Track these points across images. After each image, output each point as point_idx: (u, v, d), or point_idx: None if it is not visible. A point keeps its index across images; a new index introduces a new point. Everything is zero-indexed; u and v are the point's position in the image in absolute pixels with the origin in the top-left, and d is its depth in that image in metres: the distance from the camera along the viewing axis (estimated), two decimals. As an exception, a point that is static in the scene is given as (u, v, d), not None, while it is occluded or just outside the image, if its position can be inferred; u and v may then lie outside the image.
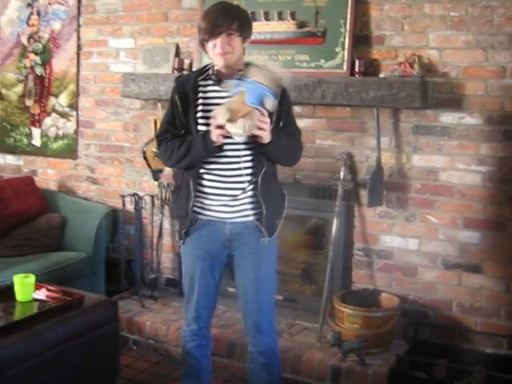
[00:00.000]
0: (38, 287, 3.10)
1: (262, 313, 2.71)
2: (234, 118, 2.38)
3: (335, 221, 3.53)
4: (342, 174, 3.57)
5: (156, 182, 4.13)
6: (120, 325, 3.37)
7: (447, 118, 3.39)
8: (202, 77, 2.66)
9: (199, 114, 2.62)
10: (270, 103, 2.43)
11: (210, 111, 2.56)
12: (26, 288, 3.02)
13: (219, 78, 2.60)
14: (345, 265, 3.71)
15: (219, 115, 2.41)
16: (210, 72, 2.63)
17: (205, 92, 2.64)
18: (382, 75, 3.43)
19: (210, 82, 2.63)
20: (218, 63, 2.57)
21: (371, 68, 3.52)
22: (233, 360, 3.45)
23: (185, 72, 3.96)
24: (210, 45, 2.55)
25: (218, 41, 2.51)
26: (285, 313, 3.80)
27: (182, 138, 2.63)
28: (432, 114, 3.42)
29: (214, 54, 2.55)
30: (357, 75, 3.46)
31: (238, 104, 2.40)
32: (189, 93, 2.63)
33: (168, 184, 4.14)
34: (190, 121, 2.62)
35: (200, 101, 2.63)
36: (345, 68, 3.52)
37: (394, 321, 3.36)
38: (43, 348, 2.75)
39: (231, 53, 2.52)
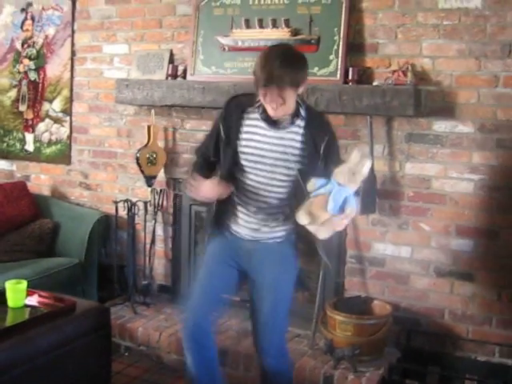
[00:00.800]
0: (29, 293, 3.08)
1: (272, 334, 2.69)
2: (313, 221, 2.35)
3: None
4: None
5: (149, 188, 4.13)
6: (112, 331, 3.35)
7: (440, 126, 3.40)
8: (251, 109, 2.60)
9: (240, 149, 2.60)
10: (352, 207, 2.32)
11: (249, 147, 2.58)
12: (18, 294, 3.01)
13: (267, 118, 2.55)
14: (337, 272, 3.71)
15: (300, 216, 2.37)
16: (261, 110, 2.56)
17: (249, 126, 2.60)
18: (375, 83, 3.44)
19: (257, 116, 2.58)
20: (268, 112, 2.51)
21: (365, 76, 3.53)
22: (225, 367, 3.44)
23: (179, 79, 3.97)
24: (261, 91, 2.45)
25: (269, 92, 2.42)
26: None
27: (200, 165, 2.73)
28: (425, 122, 3.43)
29: (265, 102, 2.49)
30: (350, 83, 3.47)
31: (318, 209, 2.33)
32: (232, 127, 2.61)
33: (161, 190, 4.14)
34: (226, 155, 2.63)
35: (244, 136, 2.60)
36: (338, 76, 3.53)
37: (387, 328, 3.36)
38: (35, 354, 2.74)
39: (282, 104, 2.45)
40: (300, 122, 2.57)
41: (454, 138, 3.38)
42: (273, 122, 2.55)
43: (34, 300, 3.08)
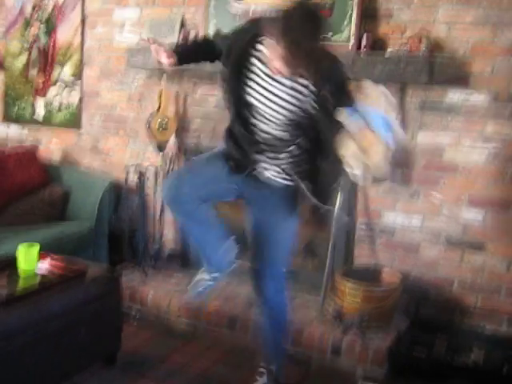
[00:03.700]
0: (42, 256, 3.11)
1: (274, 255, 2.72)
2: (365, 158, 2.17)
3: (339, 196, 3.52)
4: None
5: (160, 154, 4.12)
6: (122, 296, 3.39)
7: (454, 95, 3.36)
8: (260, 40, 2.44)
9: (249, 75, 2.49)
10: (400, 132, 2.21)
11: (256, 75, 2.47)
12: (30, 257, 3.03)
13: None
14: (347, 240, 3.71)
15: (354, 168, 2.20)
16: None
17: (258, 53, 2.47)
18: (389, 50, 3.39)
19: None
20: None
21: (379, 43, 3.48)
22: (234, 332, 3.48)
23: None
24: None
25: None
26: (287, 287, 3.81)
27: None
28: (439, 90, 3.39)
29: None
30: (364, 50, 3.43)
31: (368, 140, 2.16)
32: (244, 42, 2.50)
33: (172, 155, 4.13)
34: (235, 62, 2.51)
35: (254, 61, 2.48)
36: (352, 42, 3.48)
37: (396, 297, 3.37)
38: (46, 319, 2.77)
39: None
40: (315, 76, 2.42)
41: (468, 107, 3.34)
42: None
43: (45, 263, 3.10)
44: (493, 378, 3.05)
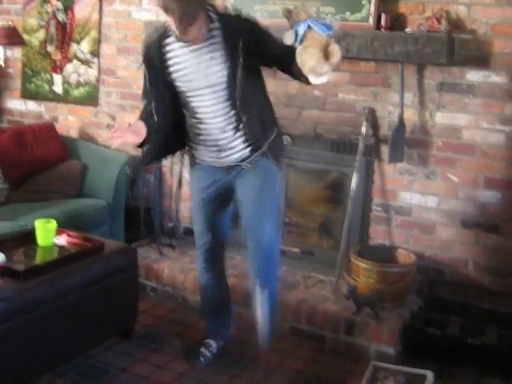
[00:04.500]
0: (58, 232, 3.15)
1: (261, 224, 2.81)
2: (318, 60, 2.26)
3: (355, 176, 3.53)
4: (363, 128, 3.55)
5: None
6: (139, 271, 3.42)
7: (473, 75, 3.34)
8: (167, 36, 2.66)
9: (174, 75, 2.67)
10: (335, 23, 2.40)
11: (179, 70, 2.64)
12: (48, 233, 3.07)
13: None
14: (363, 220, 3.72)
15: (304, 61, 2.28)
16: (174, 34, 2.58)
17: (170, 51, 2.66)
18: (408, 30, 3.37)
19: (174, 39, 2.63)
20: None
21: (397, 22, 3.45)
22: (249, 309, 3.50)
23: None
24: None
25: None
26: (301, 265, 3.84)
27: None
28: (457, 71, 3.37)
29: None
30: (382, 29, 3.41)
31: (312, 40, 2.30)
32: (155, 56, 2.67)
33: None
34: (159, 87, 2.70)
35: (170, 62, 2.66)
36: (371, 21, 3.46)
37: (410, 277, 3.38)
38: (63, 292, 2.82)
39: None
40: (215, 33, 2.59)
41: (486, 89, 3.32)
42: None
43: (62, 239, 3.14)
44: (506, 359, 3.06)
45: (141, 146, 2.71)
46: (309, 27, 2.34)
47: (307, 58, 2.28)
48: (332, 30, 2.33)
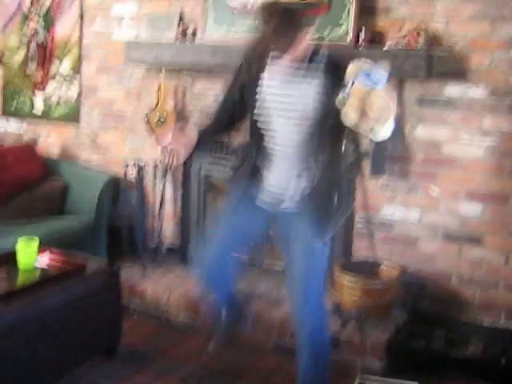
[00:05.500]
0: (41, 251, 3.11)
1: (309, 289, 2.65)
2: (362, 112, 2.25)
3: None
4: (343, 146, 3.55)
5: (159, 148, 4.11)
6: (122, 290, 3.39)
7: (452, 89, 3.37)
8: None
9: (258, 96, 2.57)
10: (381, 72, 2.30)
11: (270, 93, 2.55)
12: (30, 251, 3.04)
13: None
14: (346, 235, 3.72)
15: (347, 115, 2.28)
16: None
17: (269, 69, 2.57)
18: (387, 45, 3.40)
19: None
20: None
21: (377, 38, 3.48)
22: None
23: (189, 42, 3.93)
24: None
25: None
26: (284, 281, 3.82)
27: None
28: (436, 85, 3.40)
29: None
30: (361, 46, 3.43)
31: (356, 94, 2.26)
32: (254, 69, 2.59)
33: (171, 150, 4.13)
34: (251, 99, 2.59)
35: (266, 79, 2.56)
36: (349, 38, 3.48)
37: (394, 292, 3.39)
38: (45, 314, 2.78)
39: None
40: (317, 66, 2.50)
41: (465, 102, 3.35)
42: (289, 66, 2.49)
43: (45, 258, 3.11)
44: (491, 371, 3.06)
45: None
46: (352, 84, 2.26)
47: (344, 119, 2.27)
48: (380, 83, 2.26)
